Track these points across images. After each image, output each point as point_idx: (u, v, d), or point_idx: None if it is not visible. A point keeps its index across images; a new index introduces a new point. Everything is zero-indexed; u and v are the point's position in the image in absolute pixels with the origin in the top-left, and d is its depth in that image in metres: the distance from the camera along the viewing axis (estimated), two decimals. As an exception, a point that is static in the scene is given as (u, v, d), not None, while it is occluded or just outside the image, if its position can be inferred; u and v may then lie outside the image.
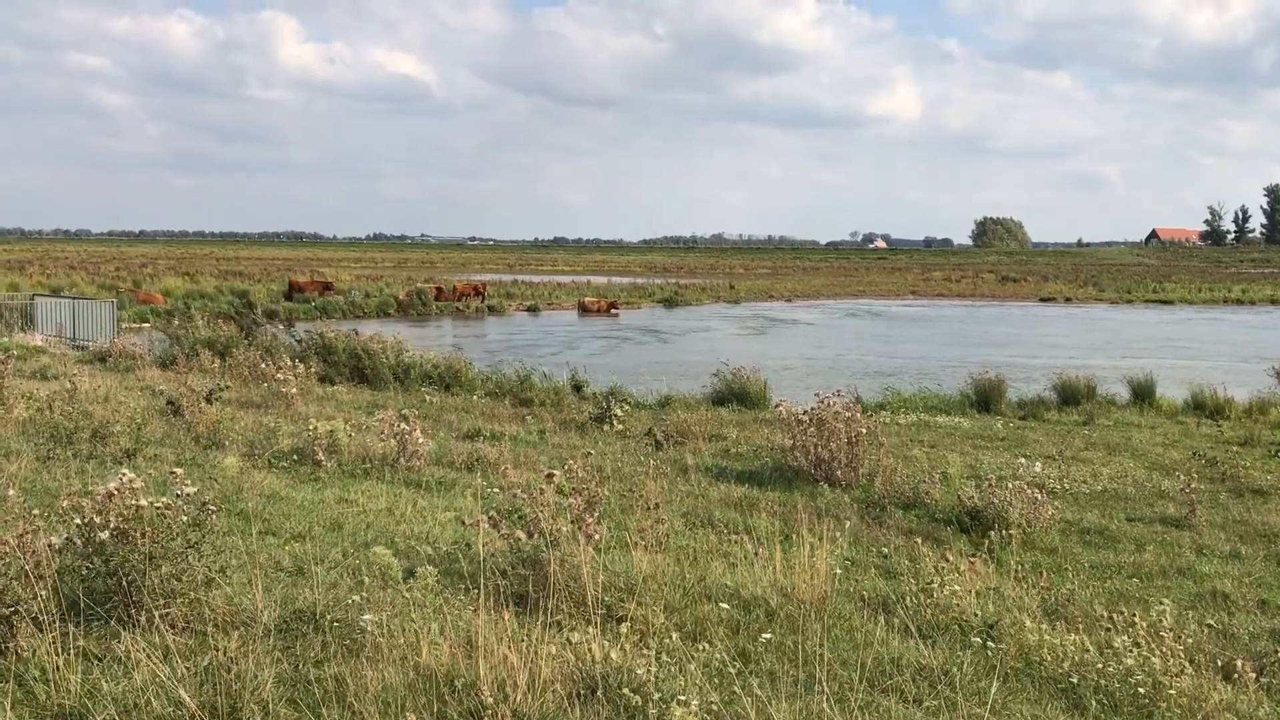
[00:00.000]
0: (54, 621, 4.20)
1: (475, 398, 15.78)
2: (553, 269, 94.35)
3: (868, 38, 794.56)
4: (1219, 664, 4.79)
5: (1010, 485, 8.07)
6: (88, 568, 4.60)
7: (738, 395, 15.90)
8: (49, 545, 4.52)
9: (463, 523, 5.81)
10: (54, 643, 4.06)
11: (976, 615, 5.21)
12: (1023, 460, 10.08)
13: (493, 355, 23.11)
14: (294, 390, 13.67)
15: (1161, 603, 5.13)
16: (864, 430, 9.38)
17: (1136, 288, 64.36)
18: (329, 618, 4.62)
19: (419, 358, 17.37)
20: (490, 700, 3.68)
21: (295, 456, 9.48)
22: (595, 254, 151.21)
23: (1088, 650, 4.62)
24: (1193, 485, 8.58)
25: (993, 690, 4.16)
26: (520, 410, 14.55)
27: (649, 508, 6.30)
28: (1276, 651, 4.99)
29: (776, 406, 10.28)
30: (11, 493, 5.32)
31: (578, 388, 16.56)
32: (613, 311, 45.32)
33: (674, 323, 41.73)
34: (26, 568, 4.32)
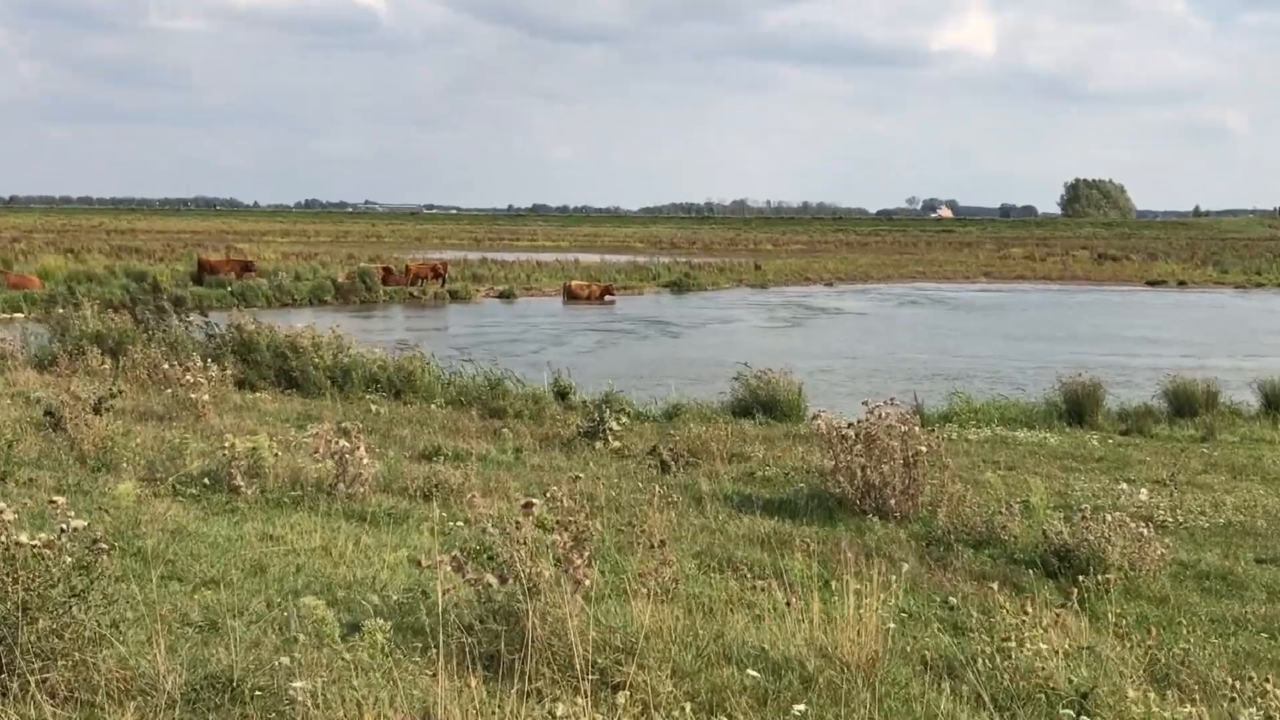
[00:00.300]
0: (-100, 690, 4.93)
1: (434, 407, 15.65)
2: (531, 244, 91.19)
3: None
4: (1372, 743, 5.78)
5: (1109, 518, 7.95)
6: (-55, 622, 5.44)
7: (765, 404, 15.69)
8: (-105, 594, 5.31)
9: (418, 565, 5.73)
10: (-101, 718, 4.81)
11: (1067, 682, 5.14)
12: (1124, 486, 9.89)
13: (457, 354, 22.45)
14: (205, 398, 13.60)
15: (1299, 666, 5.90)
16: (924, 448, 9.33)
17: (1268, 268, 63.02)
18: (249, 684, 4.58)
19: (363, 357, 17.05)
20: (453, 789, 4.20)
21: (207, 481, 9.31)
22: (585, 225, 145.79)
23: (1207, 726, 5.60)
24: (1339, 518, 9.87)
25: (1087, 776, 4.74)
26: (490, 423, 14.45)
27: (653, 546, 6.31)
28: None
29: (814, 418, 10.18)
30: None
31: (562, 394, 16.43)
32: (607, 298, 44.33)
33: (685, 312, 40.76)
34: None
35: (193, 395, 13.62)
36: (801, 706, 4.71)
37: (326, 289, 41.30)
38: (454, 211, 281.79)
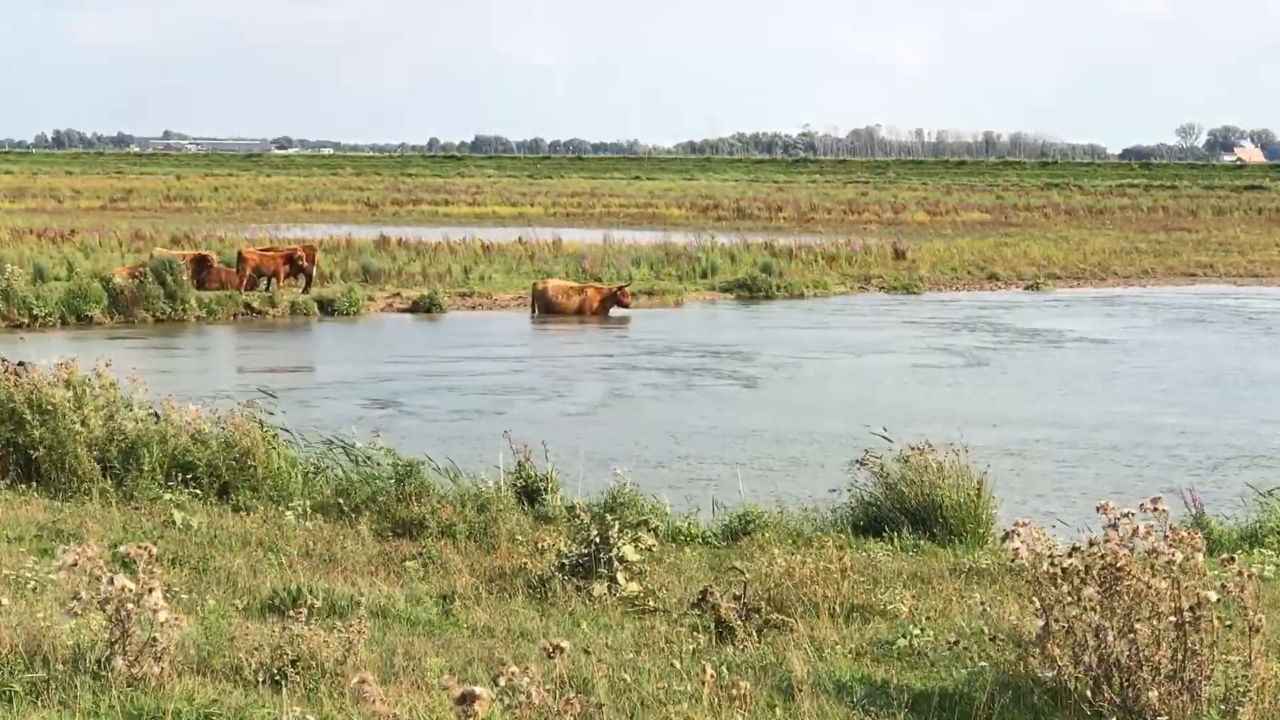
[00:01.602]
0: None
1: (291, 516, 14.79)
2: (473, 210, 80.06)
3: None
4: None
5: None
6: None
7: (914, 512, 14.67)
8: None
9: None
10: None
11: None
12: None
13: (342, 418, 20.87)
14: None
15: None
16: (1213, 595, 8.77)
17: None
18: None
19: (162, 423, 16.32)
20: None
21: None
22: (575, 176, 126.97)
23: None
24: None
25: None
26: (396, 547, 13.48)
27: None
28: None
29: (1007, 538, 9.65)
30: None
31: (531, 494, 15.25)
32: (615, 308, 39.50)
33: (763, 336, 36.33)
34: None
35: None
36: None
37: (93, 296, 36.74)
38: (328, 152, 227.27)
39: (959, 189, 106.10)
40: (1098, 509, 9.31)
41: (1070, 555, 9.05)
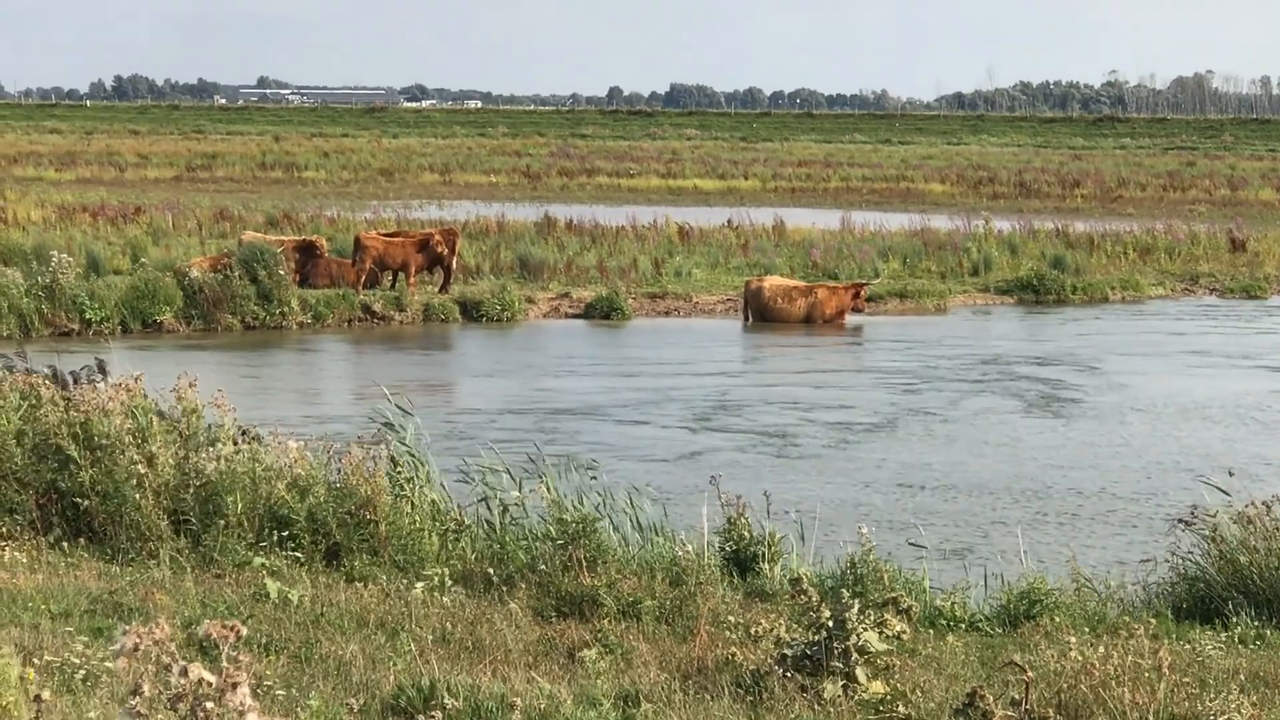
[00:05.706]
0: None
1: (423, 588, 13.38)
2: (667, 183, 69.40)
3: None
4: None
5: None
6: None
7: (1258, 591, 13.25)
8: None
9: None
10: None
11: None
12: None
13: (480, 454, 18.65)
14: None
15: None
16: None
17: None
18: None
19: (252, 463, 14.61)
20: None
21: None
22: (804, 139, 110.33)
23: None
24: None
25: None
26: (560, 630, 12.20)
27: None
28: None
29: None
30: None
31: (742, 563, 13.66)
32: (848, 317, 34.93)
33: (1056, 349, 32.15)
34: None
35: None
36: None
37: (164, 295, 31.17)
38: (474, 105, 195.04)
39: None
40: None
41: None
